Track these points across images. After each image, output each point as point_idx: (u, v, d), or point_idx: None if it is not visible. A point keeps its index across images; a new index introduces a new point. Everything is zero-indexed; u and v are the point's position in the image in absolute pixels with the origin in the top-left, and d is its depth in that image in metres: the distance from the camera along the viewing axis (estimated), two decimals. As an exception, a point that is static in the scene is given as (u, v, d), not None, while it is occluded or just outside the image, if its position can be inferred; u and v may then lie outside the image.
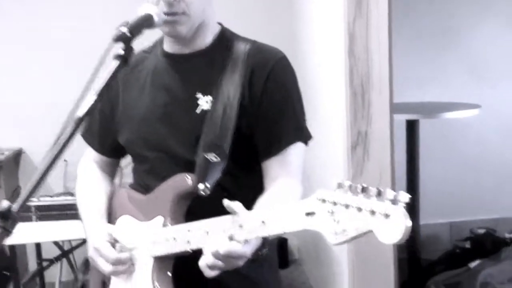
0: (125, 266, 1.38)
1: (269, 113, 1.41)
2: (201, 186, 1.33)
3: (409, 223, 0.90)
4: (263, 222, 1.12)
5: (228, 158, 1.36)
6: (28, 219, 2.88)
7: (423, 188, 3.69)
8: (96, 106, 1.09)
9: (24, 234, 2.80)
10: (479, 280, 3.33)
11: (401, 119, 3.56)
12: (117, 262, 1.37)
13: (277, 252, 1.65)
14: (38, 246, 3.29)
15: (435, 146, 4.12)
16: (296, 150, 1.44)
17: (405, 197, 0.92)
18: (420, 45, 4.11)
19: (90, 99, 1.08)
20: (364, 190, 0.95)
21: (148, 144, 1.48)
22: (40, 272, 3.32)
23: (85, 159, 1.67)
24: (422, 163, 3.68)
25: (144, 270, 1.38)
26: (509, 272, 3.46)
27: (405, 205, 0.91)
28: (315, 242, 3.71)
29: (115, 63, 1.13)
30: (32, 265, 3.59)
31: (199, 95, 1.41)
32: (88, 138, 1.63)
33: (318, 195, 1.01)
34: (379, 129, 2.61)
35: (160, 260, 1.37)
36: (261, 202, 1.32)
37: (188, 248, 1.28)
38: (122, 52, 1.13)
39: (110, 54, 1.12)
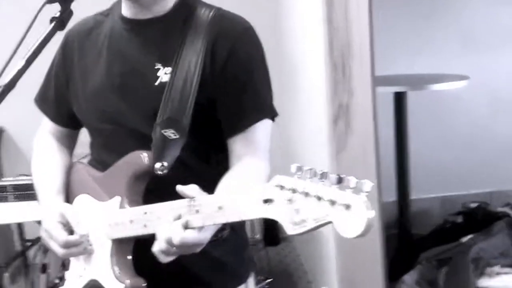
0: (79, 248, 1.31)
1: (232, 87, 1.32)
2: (157, 165, 1.26)
3: (371, 214, 0.83)
4: (219, 207, 1.05)
5: (189, 135, 1.28)
6: (4, 199, 2.81)
7: (413, 162, 3.61)
8: (23, 72, 1.01)
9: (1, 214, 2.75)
10: (471, 255, 3.27)
11: (389, 91, 3.48)
12: (68, 245, 1.30)
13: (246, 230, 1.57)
14: (20, 226, 3.25)
15: (424, 119, 4.03)
16: (262, 127, 1.35)
17: (368, 185, 0.84)
18: (407, 14, 3.99)
19: (19, 64, 0.99)
20: (323, 176, 0.87)
21: (103, 116, 1.39)
22: (23, 252, 3.27)
23: (41, 131, 1.57)
24: (412, 136, 3.60)
25: (102, 253, 1.31)
26: (501, 246, 3.40)
27: (368, 194, 0.84)
28: (303, 219, 3.64)
29: (50, 26, 1.04)
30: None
31: (158, 66, 1.33)
32: (43, 106, 1.54)
33: (276, 181, 0.94)
34: (361, 102, 2.53)
35: (119, 243, 1.29)
36: (224, 183, 1.25)
37: (145, 232, 1.20)
38: (57, 14, 1.04)
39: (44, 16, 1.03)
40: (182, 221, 1.10)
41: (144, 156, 1.28)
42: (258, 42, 1.39)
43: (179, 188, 1.11)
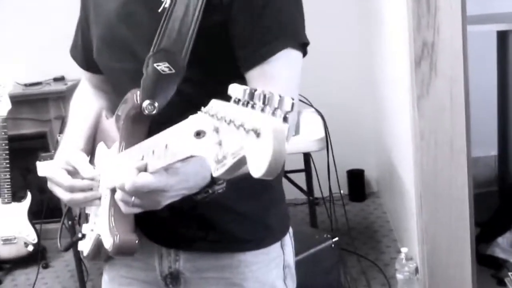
0: (86, 195, 1.15)
1: (246, 4, 1.07)
2: (145, 103, 1.05)
3: (279, 145, 0.59)
4: (166, 146, 0.84)
5: (197, 68, 1.06)
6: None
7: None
8: None
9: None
10: None
11: (491, 29, 3.07)
12: (72, 189, 1.15)
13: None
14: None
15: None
16: (286, 60, 1.08)
17: (287, 102, 0.62)
18: None
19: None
20: (264, 97, 0.64)
21: (112, 53, 1.22)
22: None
23: (81, 78, 1.44)
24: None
25: (104, 204, 1.15)
26: None
27: (285, 115, 0.62)
28: (390, 173, 3.36)
29: None
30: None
31: None
32: (73, 52, 1.41)
33: (208, 106, 0.71)
34: (449, 39, 2.19)
35: None
36: None
37: None
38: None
39: None
40: (137, 165, 0.92)
41: (135, 94, 1.09)
42: None
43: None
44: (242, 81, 1.10)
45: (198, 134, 0.72)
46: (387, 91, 3.24)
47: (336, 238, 2.23)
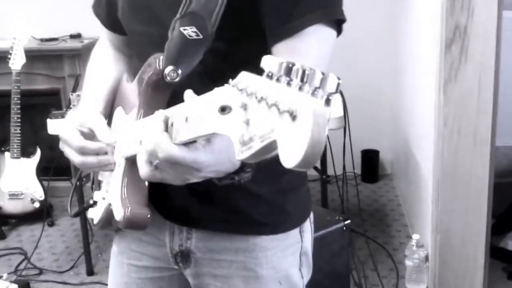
0: (99, 159, 1.09)
1: None
2: (167, 69, 0.98)
3: (319, 132, 0.51)
4: (186, 119, 0.76)
5: (223, 38, 0.98)
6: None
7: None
8: None
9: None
10: None
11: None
12: (84, 150, 1.09)
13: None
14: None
15: None
16: (316, 36, 0.99)
17: (332, 81, 0.54)
18: None
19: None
20: (303, 73, 0.56)
21: (136, 13, 1.14)
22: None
23: (101, 37, 1.36)
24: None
25: (118, 173, 1.08)
26: None
27: (328, 97, 0.53)
28: (407, 156, 3.28)
29: None
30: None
31: None
32: (97, 9, 1.31)
33: (236, 79, 0.62)
34: (483, 23, 2.09)
35: (133, 163, 1.05)
36: None
37: (140, 151, 0.94)
38: None
39: None
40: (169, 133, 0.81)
41: (157, 59, 1.02)
42: None
43: (187, 93, 0.81)
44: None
45: (223, 109, 0.63)
46: (410, 73, 3.15)
47: (348, 221, 2.17)
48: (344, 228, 2.17)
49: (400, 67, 3.49)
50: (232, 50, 1.02)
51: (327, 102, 0.53)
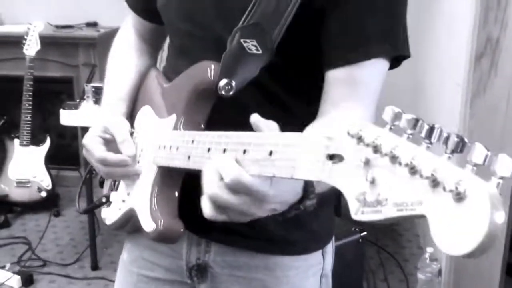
0: (123, 170, 1.04)
1: (352, 2, 0.91)
2: (222, 82, 0.92)
3: (498, 218, 0.45)
4: (270, 153, 0.69)
5: (278, 54, 0.92)
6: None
7: None
8: None
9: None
10: None
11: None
12: (105, 162, 1.04)
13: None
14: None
15: None
16: (377, 67, 0.93)
17: (506, 163, 0.47)
18: None
19: None
20: (431, 131, 0.50)
21: (180, 12, 1.06)
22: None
23: (124, 25, 1.28)
24: None
25: (147, 179, 1.03)
26: None
27: (501, 181, 0.47)
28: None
29: None
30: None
31: None
32: None
33: (351, 127, 0.56)
34: (516, 37, 2.03)
35: (166, 172, 0.99)
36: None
37: (189, 165, 0.87)
38: None
39: None
40: (239, 157, 0.74)
41: (211, 68, 0.96)
42: None
43: (255, 117, 0.76)
44: (321, 83, 0.97)
45: (332, 157, 0.57)
46: (433, 84, 3.08)
47: (365, 233, 2.11)
48: (360, 240, 2.11)
49: (422, 78, 3.42)
50: (286, 67, 0.97)
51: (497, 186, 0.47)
